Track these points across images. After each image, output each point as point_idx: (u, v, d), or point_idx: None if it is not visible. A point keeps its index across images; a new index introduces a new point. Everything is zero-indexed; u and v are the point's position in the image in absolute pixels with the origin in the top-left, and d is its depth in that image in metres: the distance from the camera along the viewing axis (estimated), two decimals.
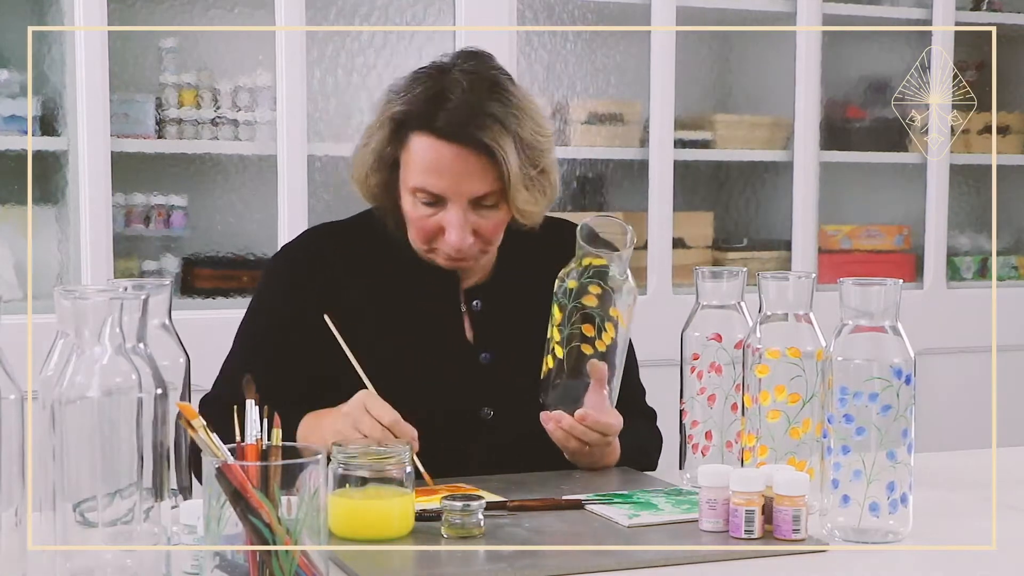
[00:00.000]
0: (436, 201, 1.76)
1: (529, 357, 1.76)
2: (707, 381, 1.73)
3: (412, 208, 1.78)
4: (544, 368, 1.74)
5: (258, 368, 1.73)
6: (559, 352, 1.73)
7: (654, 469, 1.90)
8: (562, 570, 1.35)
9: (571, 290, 1.72)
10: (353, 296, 1.82)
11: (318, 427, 1.70)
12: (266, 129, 3.01)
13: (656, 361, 2.03)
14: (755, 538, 1.45)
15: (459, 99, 1.73)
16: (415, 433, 1.64)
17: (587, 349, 1.72)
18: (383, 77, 3.15)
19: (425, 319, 1.84)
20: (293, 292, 1.84)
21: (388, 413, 1.63)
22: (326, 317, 1.72)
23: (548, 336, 1.74)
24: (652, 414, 1.98)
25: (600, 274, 1.72)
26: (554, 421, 1.72)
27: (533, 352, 1.75)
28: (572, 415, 1.71)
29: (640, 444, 1.88)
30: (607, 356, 1.73)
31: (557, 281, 1.75)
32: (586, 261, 1.73)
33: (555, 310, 1.74)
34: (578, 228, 1.74)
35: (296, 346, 1.80)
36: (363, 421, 1.63)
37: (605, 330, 1.72)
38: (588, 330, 1.72)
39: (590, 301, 1.72)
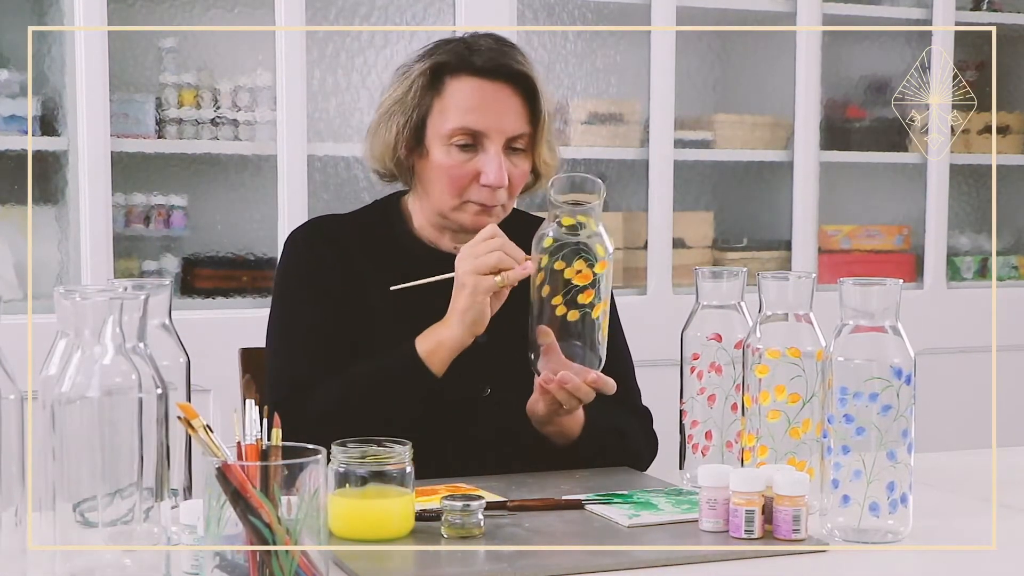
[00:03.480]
0: (472, 144, 1.82)
1: (522, 338, 1.78)
2: (707, 381, 1.73)
3: (446, 157, 1.83)
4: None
5: (319, 341, 1.81)
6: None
7: (642, 466, 1.90)
8: (562, 570, 1.35)
9: (548, 248, 1.72)
10: (359, 281, 1.86)
11: (440, 327, 1.76)
12: (266, 129, 3.01)
13: (656, 361, 2.04)
14: (755, 538, 1.45)
15: (488, 46, 1.85)
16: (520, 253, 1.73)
17: (573, 315, 1.72)
18: (383, 77, 3.15)
19: (424, 306, 1.85)
20: (322, 265, 1.88)
21: (484, 234, 1.74)
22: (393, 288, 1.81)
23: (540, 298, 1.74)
24: (646, 414, 1.98)
25: (577, 248, 1.72)
26: (559, 382, 1.72)
27: (525, 334, 1.77)
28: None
29: (620, 429, 1.88)
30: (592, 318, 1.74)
31: (536, 240, 1.74)
32: (566, 221, 1.72)
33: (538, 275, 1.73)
34: (550, 183, 1.76)
35: (340, 310, 1.85)
36: (479, 252, 1.72)
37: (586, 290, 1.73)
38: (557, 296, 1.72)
39: (578, 278, 1.71)
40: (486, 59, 1.82)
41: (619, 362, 1.90)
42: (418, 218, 1.92)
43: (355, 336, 1.84)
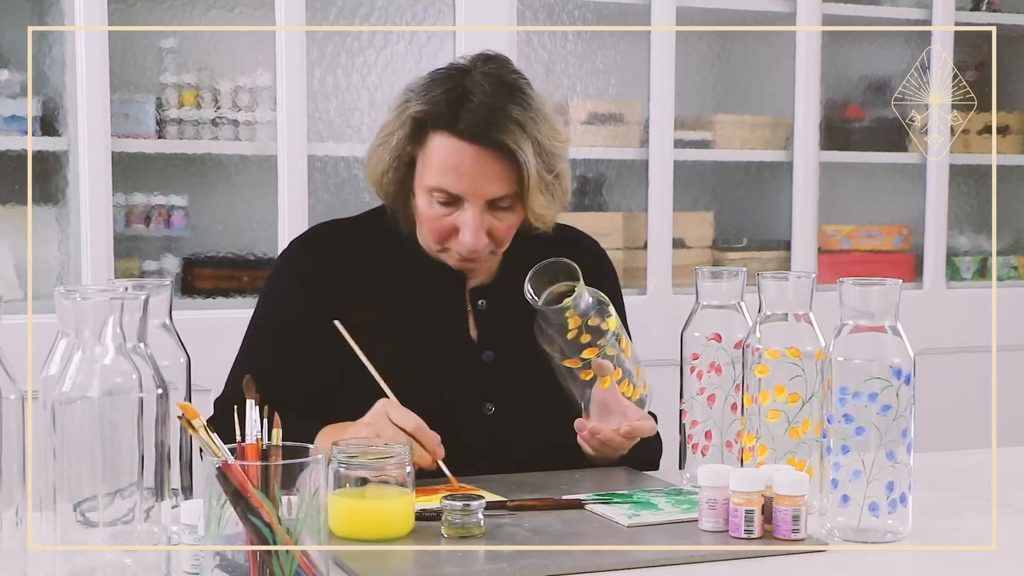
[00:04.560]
0: (452, 201, 1.77)
1: (530, 356, 1.76)
2: (707, 381, 1.73)
3: (427, 207, 1.79)
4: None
5: (267, 369, 1.74)
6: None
7: (656, 469, 1.90)
8: (562, 570, 1.35)
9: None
10: (361, 293, 1.83)
11: (340, 434, 1.68)
12: (266, 129, 3.01)
13: (656, 361, 2.03)
14: (755, 538, 1.45)
15: (480, 100, 1.74)
16: (438, 439, 1.65)
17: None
18: (383, 77, 3.16)
19: (430, 317, 1.84)
20: (304, 291, 1.85)
21: (411, 420, 1.64)
22: (337, 324, 1.72)
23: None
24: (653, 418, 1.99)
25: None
26: (590, 432, 1.74)
27: (534, 351, 1.76)
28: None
29: (647, 443, 1.88)
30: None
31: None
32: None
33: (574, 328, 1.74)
34: (526, 288, 1.73)
35: (306, 347, 1.81)
36: (386, 430, 1.63)
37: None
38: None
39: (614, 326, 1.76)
40: (470, 119, 1.73)
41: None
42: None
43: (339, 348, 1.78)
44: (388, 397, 1.68)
